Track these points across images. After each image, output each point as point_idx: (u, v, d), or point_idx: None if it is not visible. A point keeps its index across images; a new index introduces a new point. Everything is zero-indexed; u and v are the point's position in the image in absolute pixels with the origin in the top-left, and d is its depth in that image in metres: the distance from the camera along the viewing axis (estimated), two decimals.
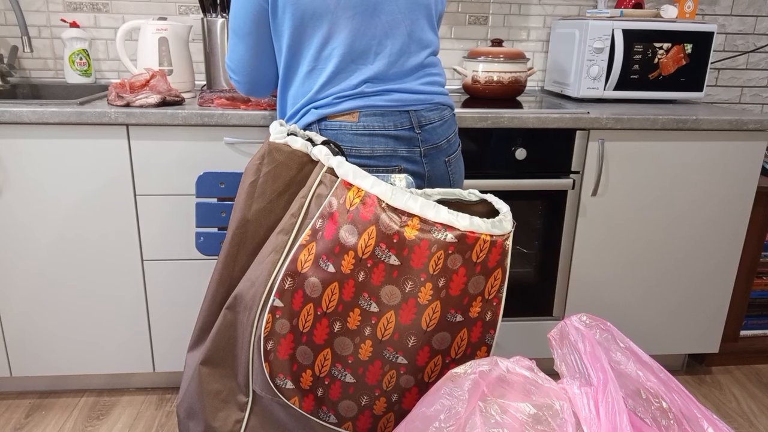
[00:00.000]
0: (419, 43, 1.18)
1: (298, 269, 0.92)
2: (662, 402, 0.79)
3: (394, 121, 1.14)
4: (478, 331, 0.94)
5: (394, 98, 1.14)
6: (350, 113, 1.13)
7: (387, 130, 1.13)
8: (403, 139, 1.15)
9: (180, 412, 1.09)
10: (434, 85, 1.21)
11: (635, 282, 1.75)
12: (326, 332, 0.93)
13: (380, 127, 1.13)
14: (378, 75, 1.14)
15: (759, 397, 1.82)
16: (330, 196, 0.93)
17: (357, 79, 1.13)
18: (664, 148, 1.64)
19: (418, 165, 1.17)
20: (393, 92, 1.15)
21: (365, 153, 1.13)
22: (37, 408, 1.68)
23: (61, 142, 1.46)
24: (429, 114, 1.18)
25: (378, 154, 1.13)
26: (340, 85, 1.13)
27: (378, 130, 1.13)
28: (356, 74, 1.13)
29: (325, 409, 0.97)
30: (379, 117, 1.13)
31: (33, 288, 1.57)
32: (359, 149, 1.13)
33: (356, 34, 1.11)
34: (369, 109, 1.13)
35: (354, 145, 1.13)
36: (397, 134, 1.14)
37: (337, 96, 1.13)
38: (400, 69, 1.16)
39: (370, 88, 1.13)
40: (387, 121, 1.13)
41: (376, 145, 1.13)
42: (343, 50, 1.11)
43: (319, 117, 1.13)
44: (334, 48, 1.11)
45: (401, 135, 1.15)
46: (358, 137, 1.13)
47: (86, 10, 1.92)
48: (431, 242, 0.87)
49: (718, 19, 2.15)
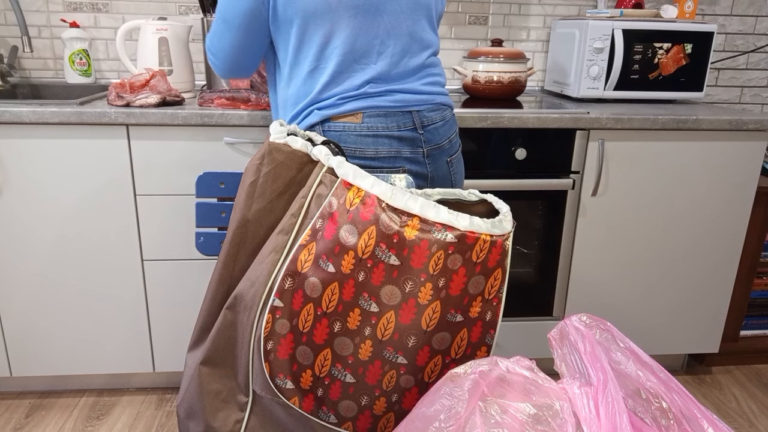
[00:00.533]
0: (421, 43, 1.18)
1: (298, 269, 0.92)
2: (662, 402, 0.79)
3: (398, 121, 1.14)
4: (478, 331, 0.94)
5: (397, 99, 1.14)
6: (354, 114, 1.12)
7: (390, 131, 1.13)
8: (407, 139, 1.15)
9: (180, 412, 1.09)
10: (435, 85, 1.21)
11: (635, 282, 1.75)
12: (326, 332, 0.93)
13: (384, 127, 1.13)
14: (381, 75, 1.14)
15: (759, 397, 1.82)
16: (330, 196, 0.93)
17: (360, 80, 1.12)
18: (664, 148, 1.64)
19: (422, 166, 1.17)
20: (396, 93, 1.15)
21: (369, 154, 1.13)
22: (37, 408, 1.68)
23: (61, 142, 1.46)
24: (431, 114, 1.18)
25: (382, 156, 1.13)
26: (343, 86, 1.13)
27: (382, 131, 1.13)
28: (359, 74, 1.13)
29: (325, 409, 0.97)
30: (383, 118, 1.13)
31: (33, 288, 1.57)
32: (363, 150, 1.12)
33: (358, 34, 1.11)
34: (373, 109, 1.13)
35: (358, 147, 1.12)
36: (400, 135, 1.14)
37: (341, 97, 1.12)
38: (403, 69, 1.16)
39: (374, 89, 1.13)
40: (390, 122, 1.13)
41: (380, 147, 1.13)
42: (345, 49, 1.11)
43: (323, 118, 1.13)
44: (336, 47, 1.11)
45: (405, 136, 1.14)
46: (362, 138, 1.12)
47: (86, 10, 1.92)
48: (431, 242, 0.87)
49: (718, 19, 2.15)
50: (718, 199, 1.70)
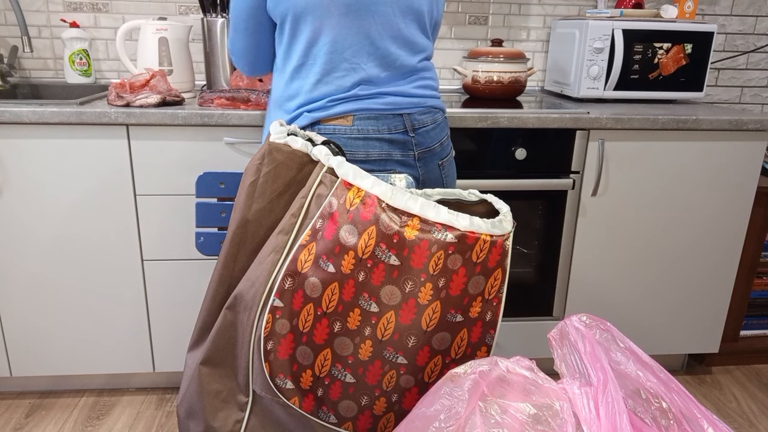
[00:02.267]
0: (413, 47, 1.17)
1: (298, 269, 0.92)
2: (662, 402, 0.79)
3: (388, 124, 1.14)
4: (478, 331, 0.94)
5: (388, 101, 1.14)
6: (344, 117, 1.12)
7: (381, 133, 1.13)
8: (398, 142, 1.15)
9: (180, 412, 1.09)
10: (427, 89, 1.20)
11: (635, 282, 1.76)
12: (326, 332, 0.93)
13: (374, 130, 1.13)
14: (371, 77, 1.13)
15: (759, 397, 1.82)
16: (330, 196, 0.93)
17: (350, 81, 1.12)
18: (664, 148, 1.64)
19: (413, 169, 1.17)
20: (386, 95, 1.14)
21: (360, 157, 1.13)
22: (37, 408, 1.68)
23: (61, 142, 1.46)
24: (422, 117, 1.18)
25: (373, 158, 1.13)
26: (332, 85, 1.12)
27: (372, 134, 1.13)
28: (349, 75, 1.12)
29: (325, 409, 0.97)
30: (373, 120, 1.13)
31: (33, 288, 1.57)
32: (354, 153, 1.13)
33: (348, 33, 1.11)
34: (363, 112, 1.13)
35: (348, 149, 1.12)
36: (391, 138, 1.14)
37: (331, 99, 1.12)
38: (394, 72, 1.15)
39: (364, 91, 1.13)
40: (381, 125, 1.13)
41: (370, 149, 1.13)
42: (333, 48, 1.11)
43: (312, 121, 1.13)
44: (324, 44, 1.11)
45: (395, 138, 1.14)
46: (353, 141, 1.12)
47: (86, 10, 1.92)
48: (431, 242, 0.87)
49: (718, 19, 2.15)
50: (718, 199, 1.70)
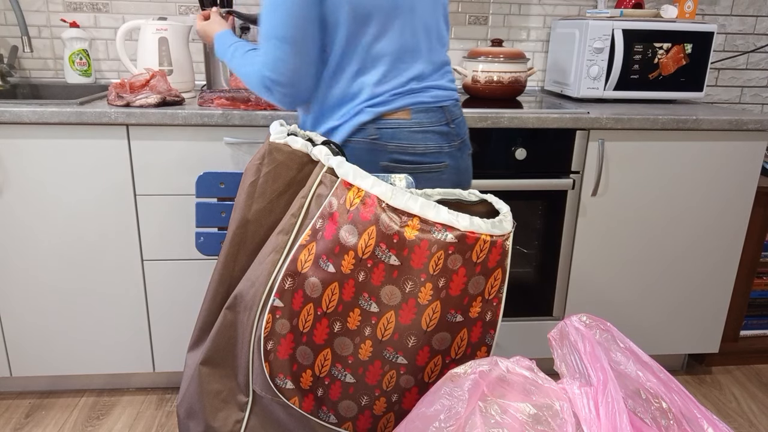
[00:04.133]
0: (441, 40, 1.22)
1: (298, 269, 0.92)
2: (662, 402, 0.79)
3: (437, 117, 1.17)
4: (478, 331, 0.94)
5: (434, 95, 1.18)
6: (404, 110, 1.15)
7: (434, 126, 1.17)
8: (444, 134, 1.18)
9: (180, 412, 1.09)
10: (453, 82, 1.25)
11: (635, 282, 1.75)
12: (326, 332, 0.93)
13: (429, 123, 1.16)
14: (421, 73, 1.17)
15: (759, 397, 1.82)
16: (330, 196, 0.93)
17: (405, 77, 1.15)
18: (664, 148, 1.63)
19: (457, 160, 1.21)
20: (432, 89, 1.18)
21: (419, 150, 1.15)
22: (37, 408, 1.68)
23: (61, 142, 1.46)
24: (455, 110, 1.22)
25: (430, 151, 1.16)
26: (391, 83, 1.15)
27: (428, 127, 1.16)
28: (405, 73, 1.15)
29: (325, 409, 0.97)
30: (425, 113, 1.16)
31: (33, 288, 1.57)
32: (414, 147, 1.15)
33: (402, 33, 1.14)
34: (418, 105, 1.16)
35: (410, 143, 1.15)
36: (440, 130, 1.18)
37: (392, 93, 1.15)
38: (433, 66, 1.19)
39: (417, 85, 1.16)
40: (432, 118, 1.17)
41: (428, 142, 1.16)
42: (393, 48, 1.13)
43: (375, 116, 1.14)
44: (385, 46, 1.13)
45: (443, 131, 1.18)
46: (414, 134, 1.15)
47: (86, 10, 1.92)
48: (431, 242, 0.87)
49: (718, 19, 2.15)
50: (718, 199, 1.70)
